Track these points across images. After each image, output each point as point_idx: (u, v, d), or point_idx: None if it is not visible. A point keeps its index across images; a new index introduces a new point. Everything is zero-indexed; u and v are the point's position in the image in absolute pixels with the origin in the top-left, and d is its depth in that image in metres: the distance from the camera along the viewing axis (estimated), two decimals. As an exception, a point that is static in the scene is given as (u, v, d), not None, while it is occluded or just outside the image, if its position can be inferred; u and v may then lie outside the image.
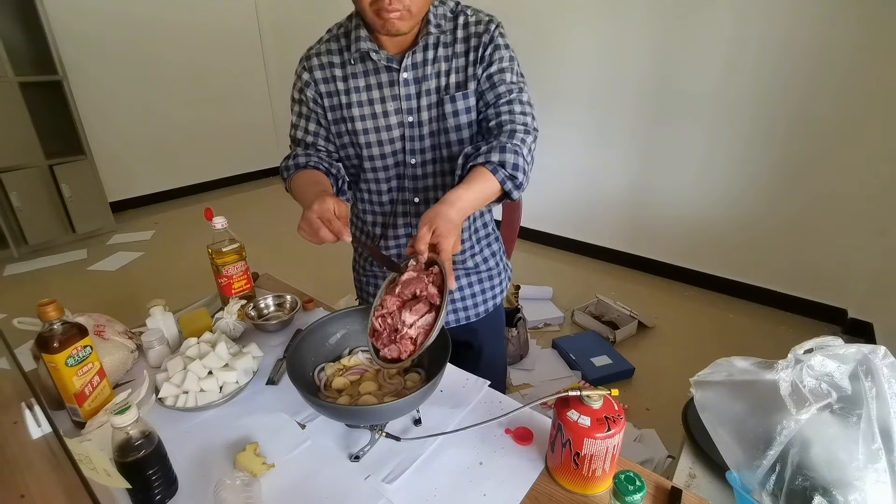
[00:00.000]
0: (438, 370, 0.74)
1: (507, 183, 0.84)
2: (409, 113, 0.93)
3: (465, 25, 0.92)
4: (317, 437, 0.78)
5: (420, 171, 0.98)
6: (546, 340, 2.33)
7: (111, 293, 2.82)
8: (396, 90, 0.92)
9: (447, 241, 0.72)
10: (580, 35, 2.81)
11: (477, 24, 0.92)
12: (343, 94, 0.94)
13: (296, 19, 4.39)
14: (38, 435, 0.75)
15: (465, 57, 0.91)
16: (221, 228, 1.12)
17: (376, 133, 0.95)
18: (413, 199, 1.01)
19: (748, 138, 2.46)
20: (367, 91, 0.93)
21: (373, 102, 0.93)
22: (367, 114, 0.94)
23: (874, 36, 2.03)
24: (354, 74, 0.93)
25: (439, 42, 0.91)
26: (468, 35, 0.91)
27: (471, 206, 0.80)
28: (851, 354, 0.68)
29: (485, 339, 1.19)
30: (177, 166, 4.35)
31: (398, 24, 0.82)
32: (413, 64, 0.91)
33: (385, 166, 0.98)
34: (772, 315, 2.58)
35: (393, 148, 0.96)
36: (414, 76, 0.91)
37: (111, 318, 1.01)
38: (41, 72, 3.18)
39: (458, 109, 0.93)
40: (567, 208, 3.25)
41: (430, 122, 0.94)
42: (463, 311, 1.13)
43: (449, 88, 0.92)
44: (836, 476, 0.63)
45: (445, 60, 0.92)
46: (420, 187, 1.00)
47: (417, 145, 0.96)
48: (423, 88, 0.92)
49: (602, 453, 0.64)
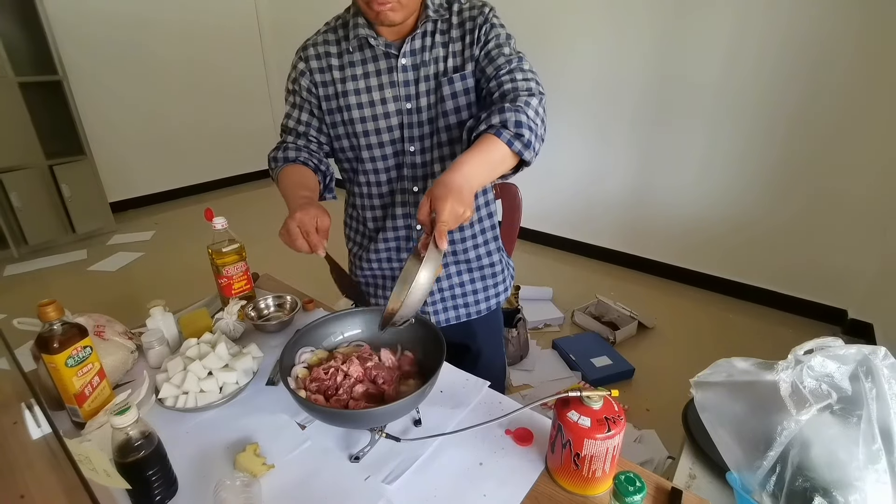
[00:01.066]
0: (435, 370, 0.74)
1: (515, 143, 0.79)
2: (407, 99, 0.93)
3: (459, 12, 0.93)
4: (317, 438, 0.78)
5: (419, 158, 0.98)
6: (546, 341, 2.33)
7: (111, 293, 2.82)
8: (395, 76, 0.92)
9: (442, 202, 0.67)
10: (580, 35, 2.81)
11: (471, 9, 0.93)
12: (339, 83, 0.94)
13: (296, 19, 4.39)
14: (38, 435, 0.75)
15: (461, 41, 0.92)
16: (221, 229, 1.11)
17: (374, 121, 0.95)
18: (412, 189, 1.01)
19: (748, 138, 2.46)
20: (364, 78, 0.93)
21: (371, 89, 0.93)
22: (364, 101, 0.94)
23: (875, 36, 2.03)
24: (352, 62, 0.93)
25: (436, 28, 0.92)
26: (463, 20, 0.92)
27: (478, 171, 0.75)
28: (851, 355, 0.68)
29: (483, 342, 1.18)
30: (177, 166, 4.35)
31: (391, 15, 0.83)
32: (411, 50, 0.91)
33: (384, 155, 0.98)
34: (772, 315, 2.58)
35: (391, 136, 0.96)
36: (412, 62, 0.92)
37: (111, 319, 1.01)
38: (41, 72, 3.18)
39: (455, 91, 0.93)
40: (567, 208, 3.25)
41: (428, 108, 0.94)
42: (464, 308, 1.12)
43: (447, 72, 0.93)
44: (837, 477, 0.63)
45: (443, 46, 0.92)
46: (419, 175, 1.00)
47: (416, 132, 0.96)
48: (422, 74, 0.92)
49: (602, 454, 0.64)
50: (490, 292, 1.14)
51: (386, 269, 1.12)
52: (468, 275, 1.10)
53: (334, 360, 0.82)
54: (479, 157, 0.76)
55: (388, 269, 1.12)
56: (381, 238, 1.07)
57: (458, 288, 1.11)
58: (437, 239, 0.66)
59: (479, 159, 0.76)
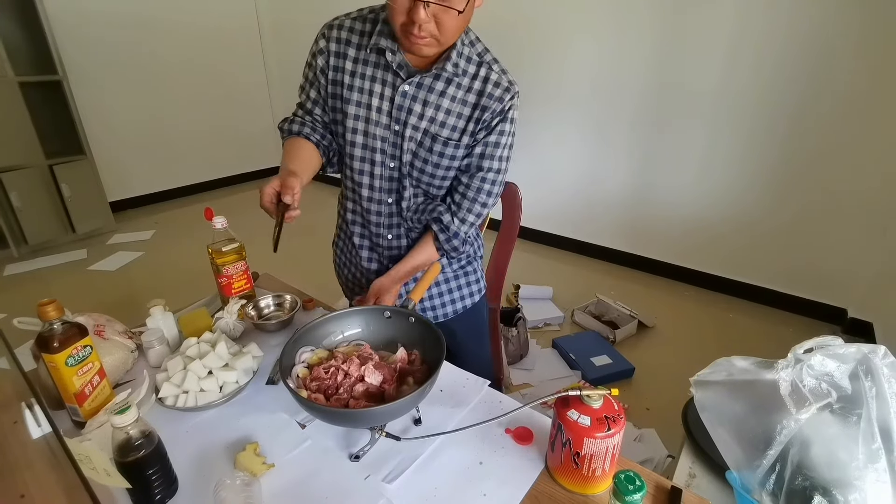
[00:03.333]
0: (434, 370, 0.74)
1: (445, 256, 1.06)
2: (396, 122, 0.93)
3: (485, 80, 0.92)
4: (317, 437, 0.78)
5: (396, 173, 0.99)
6: (546, 340, 2.33)
7: (111, 293, 2.82)
8: (392, 94, 0.92)
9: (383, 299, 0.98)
10: (581, 35, 2.81)
11: (496, 87, 0.92)
12: (348, 75, 0.94)
13: (296, 19, 4.39)
14: (38, 435, 0.75)
15: (471, 109, 0.92)
16: (221, 228, 1.11)
17: (365, 123, 0.95)
18: (387, 200, 1.02)
19: (749, 138, 2.46)
20: (370, 81, 0.93)
21: (371, 94, 0.93)
22: (362, 102, 0.94)
23: (875, 35, 2.03)
24: (365, 61, 0.92)
25: (452, 81, 0.91)
26: (484, 92, 0.92)
27: (407, 274, 1.02)
28: (851, 354, 0.68)
29: (463, 341, 1.19)
30: (177, 166, 4.34)
31: (424, 49, 0.82)
32: (419, 83, 0.91)
33: (363, 157, 0.99)
34: (772, 315, 2.58)
35: (373, 145, 0.96)
36: (413, 94, 0.91)
37: (111, 318, 1.01)
38: (41, 72, 3.18)
39: (444, 153, 0.95)
40: (567, 208, 3.25)
41: (413, 141, 0.94)
42: (430, 311, 1.15)
43: (444, 126, 0.93)
44: (836, 476, 0.63)
45: (451, 100, 0.92)
46: (394, 188, 1.01)
47: (398, 153, 0.96)
48: (417, 110, 0.92)
49: (602, 453, 0.64)
50: (464, 292, 1.17)
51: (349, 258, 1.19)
52: (441, 275, 1.14)
53: (335, 360, 0.82)
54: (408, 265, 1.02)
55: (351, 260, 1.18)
56: (357, 236, 1.11)
57: (433, 287, 1.13)
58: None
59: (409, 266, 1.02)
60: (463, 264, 1.16)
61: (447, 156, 0.95)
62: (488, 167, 0.97)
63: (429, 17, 0.76)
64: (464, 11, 0.77)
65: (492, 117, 0.93)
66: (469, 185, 0.99)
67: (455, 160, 0.96)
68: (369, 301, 0.98)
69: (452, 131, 0.93)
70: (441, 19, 0.77)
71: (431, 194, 1.02)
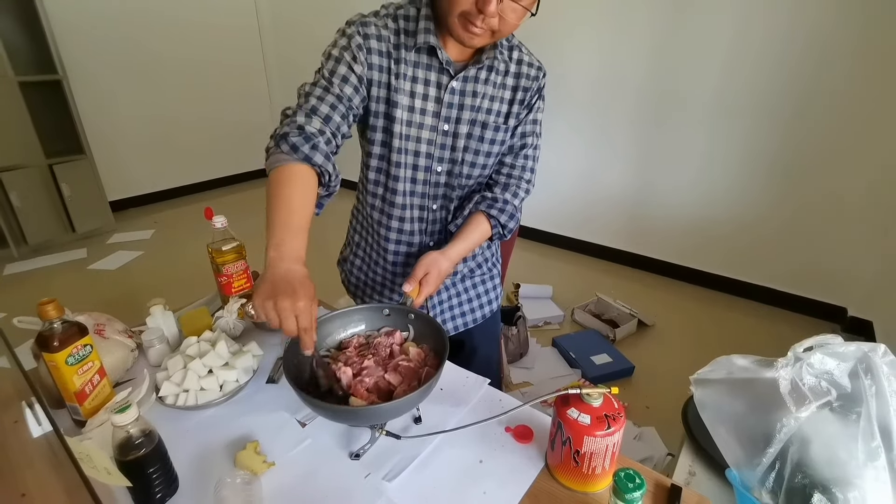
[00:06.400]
0: (437, 369, 0.74)
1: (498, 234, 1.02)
2: (446, 121, 0.91)
3: (518, 62, 0.94)
4: (317, 436, 0.78)
5: (443, 178, 0.98)
6: (546, 339, 2.33)
7: (111, 292, 2.82)
8: (442, 94, 0.89)
9: (431, 286, 0.89)
10: (581, 34, 2.81)
11: (529, 67, 0.95)
12: (393, 77, 0.86)
13: (296, 18, 4.38)
14: (39, 434, 0.75)
15: (511, 92, 0.94)
16: (221, 227, 1.12)
17: (408, 127, 0.90)
18: (431, 206, 1.00)
19: (749, 137, 2.46)
20: (412, 82, 0.87)
21: (414, 96, 0.88)
22: (405, 105, 0.88)
23: (876, 35, 2.03)
24: (406, 61, 0.86)
25: (493, 66, 0.91)
26: (520, 73, 0.94)
27: (462, 253, 0.96)
28: (851, 352, 0.68)
29: (479, 342, 1.19)
30: (177, 166, 4.34)
31: (477, 40, 0.80)
32: (466, 77, 0.89)
33: (414, 165, 0.94)
34: (771, 313, 2.58)
35: (417, 148, 0.92)
36: (462, 88, 0.89)
37: (111, 317, 1.01)
38: (41, 71, 3.18)
39: (494, 139, 0.95)
40: (567, 207, 3.25)
41: (466, 136, 0.93)
42: (461, 318, 1.13)
43: (490, 113, 0.93)
44: (836, 474, 0.63)
45: (494, 86, 0.92)
46: (440, 194, 1.00)
47: (447, 154, 0.95)
48: (468, 103, 0.91)
49: (602, 451, 0.64)
50: (485, 298, 1.15)
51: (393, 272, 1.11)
52: (461, 284, 1.12)
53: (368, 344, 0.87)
54: (465, 244, 0.96)
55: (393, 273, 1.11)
56: (394, 242, 1.04)
57: (454, 298, 1.11)
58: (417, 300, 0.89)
59: (465, 246, 0.96)
60: (490, 265, 1.14)
61: (497, 141, 0.95)
62: (531, 143, 1.00)
63: (496, 12, 0.75)
64: (535, 14, 0.79)
65: (531, 97, 0.96)
66: (514, 164, 1.01)
67: (504, 144, 0.98)
68: (416, 278, 0.89)
69: (498, 116, 0.94)
70: (507, 16, 0.76)
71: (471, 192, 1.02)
